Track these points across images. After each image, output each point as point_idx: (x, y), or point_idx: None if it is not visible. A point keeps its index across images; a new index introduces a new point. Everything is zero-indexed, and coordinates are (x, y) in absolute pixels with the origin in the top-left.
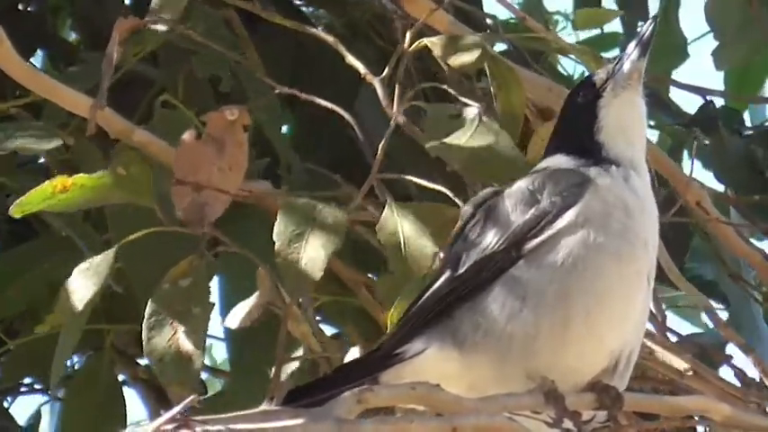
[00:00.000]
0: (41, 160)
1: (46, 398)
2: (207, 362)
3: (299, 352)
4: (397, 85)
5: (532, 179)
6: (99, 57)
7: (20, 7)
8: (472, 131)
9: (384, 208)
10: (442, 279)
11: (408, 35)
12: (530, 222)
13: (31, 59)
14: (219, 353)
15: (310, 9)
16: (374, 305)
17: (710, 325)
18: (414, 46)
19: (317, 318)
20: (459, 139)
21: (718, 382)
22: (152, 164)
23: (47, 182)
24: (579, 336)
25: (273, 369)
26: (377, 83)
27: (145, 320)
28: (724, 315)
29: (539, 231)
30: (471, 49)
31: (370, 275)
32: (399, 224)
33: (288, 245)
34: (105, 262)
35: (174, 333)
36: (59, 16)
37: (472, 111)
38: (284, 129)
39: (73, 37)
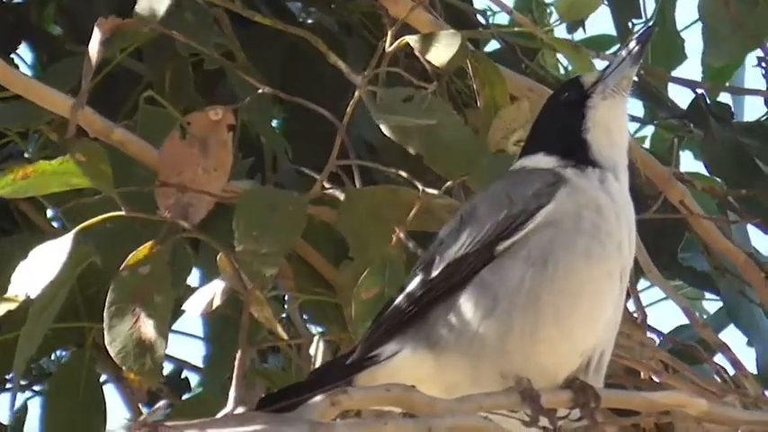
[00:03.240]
0: (26, 155)
1: (30, 393)
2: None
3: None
4: (379, 83)
5: (507, 180)
6: (83, 51)
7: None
8: (421, 111)
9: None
10: (416, 281)
11: (389, 34)
12: (502, 223)
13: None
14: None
15: (298, 5)
16: None
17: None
18: (395, 44)
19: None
20: (409, 119)
21: (696, 379)
22: (112, 152)
23: (7, 170)
24: (549, 335)
25: (238, 355)
26: (358, 81)
27: (106, 308)
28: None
29: (511, 232)
30: (451, 46)
31: None
32: (358, 209)
33: (247, 232)
34: (62, 247)
35: (136, 321)
36: (43, 9)
37: (424, 93)
38: (274, 125)
39: (57, 30)
